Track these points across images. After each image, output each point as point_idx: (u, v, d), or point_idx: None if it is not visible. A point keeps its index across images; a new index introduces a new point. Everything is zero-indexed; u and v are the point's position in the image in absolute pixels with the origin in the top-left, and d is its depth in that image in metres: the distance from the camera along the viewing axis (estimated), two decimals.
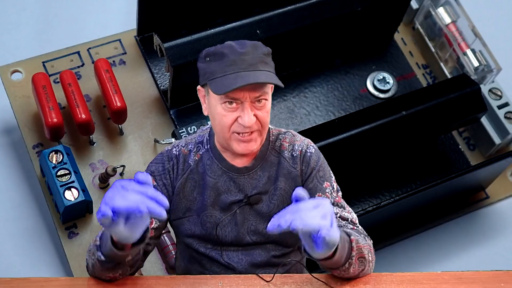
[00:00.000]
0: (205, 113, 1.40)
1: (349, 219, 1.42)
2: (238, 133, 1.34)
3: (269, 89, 1.36)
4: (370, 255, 1.39)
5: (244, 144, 1.35)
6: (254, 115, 1.33)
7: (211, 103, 1.36)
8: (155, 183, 1.42)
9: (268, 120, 1.36)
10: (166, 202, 1.21)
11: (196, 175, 1.43)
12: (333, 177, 1.45)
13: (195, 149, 1.43)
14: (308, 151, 1.43)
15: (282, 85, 1.33)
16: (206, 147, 1.43)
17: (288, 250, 1.47)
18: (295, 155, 1.43)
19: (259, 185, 1.42)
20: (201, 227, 1.43)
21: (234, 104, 1.33)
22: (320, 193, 1.42)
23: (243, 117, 1.32)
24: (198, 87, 1.40)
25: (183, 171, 1.43)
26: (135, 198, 1.20)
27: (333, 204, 1.42)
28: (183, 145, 1.44)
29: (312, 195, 1.42)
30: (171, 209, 1.44)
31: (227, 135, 1.35)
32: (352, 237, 1.33)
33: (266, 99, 1.35)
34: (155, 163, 1.44)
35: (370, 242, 1.41)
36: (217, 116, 1.35)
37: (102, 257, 1.31)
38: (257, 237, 1.44)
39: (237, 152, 1.36)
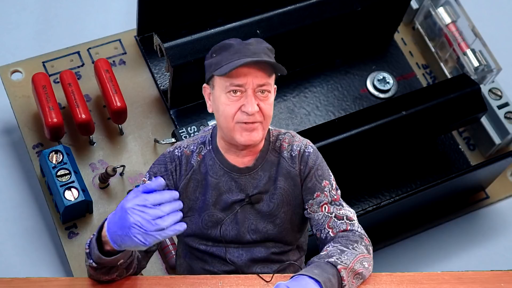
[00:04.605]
0: (210, 110, 1.41)
1: (345, 217, 1.43)
2: (242, 123, 1.36)
3: (272, 82, 1.38)
4: (365, 263, 1.38)
5: (247, 133, 1.36)
6: (257, 104, 1.35)
7: (216, 95, 1.38)
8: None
9: (270, 113, 1.38)
10: (180, 205, 1.27)
11: (198, 175, 1.43)
12: (332, 176, 1.46)
13: (197, 150, 1.44)
14: (307, 150, 1.44)
15: (285, 71, 1.37)
16: (208, 148, 1.44)
17: (288, 248, 1.48)
18: (293, 155, 1.44)
19: (260, 185, 1.43)
20: (201, 226, 1.44)
21: (238, 93, 1.35)
22: (319, 192, 1.43)
23: (246, 105, 1.34)
24: (204, 85, 1.42)
25: (186, 172, 1.43)
26: (153, 233, 1.25)
27: (330, 202, 1.43)
28: (185, 146, 1.45)
29: (311, 194, 1.43)
30: None
31: (231, 125, 1.36)
32: (339, 267, 1.33)
33: (269, 91, 1.37)
34: (158, 164, 1.44)
35: (364, 244, 1.40)
36: (221, 106, 1.36)
37: (94, 264, 1.34)
38: (257, 236, 1.44)
39: (240, 143, 1.37)
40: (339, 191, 1.46)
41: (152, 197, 1.25)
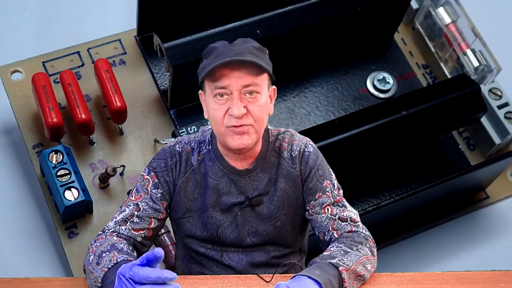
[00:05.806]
0: (206, 116, 1.39)
1: (349, 219, 1.42)
2: (231, 127, 1.34)
3: (262, 82, 1.34)
4: (368, 265, 1.38)
5: (238, 137, 1.34)
6: (244, 107, 1.32)
7: (206, 101, 1.37)
8: (156, 180, 1.42)
9: (261, 116, 1.35)
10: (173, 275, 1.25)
11: (198, 175, 1.42)
12: (333, 175, 1.45)
13: (198, 149, 1.43)
14: (307, 150, 1.43)
15: (267, 68, 1.33)
16: (207, 148, 1.43)
17: (288, 250, 1.47)
18: (293, 155, 1.42)
19: (260, 187, 1.42)
20: (202, 228, 1.43)
21: (224, 96, 1.33)
22: (321, 193, 1.42)
23: (232, 108, 1.32)
24: (199, 91, 1.40)
25: (185, 170, 1.42)
26: None
27: (333, 203, 1.42)
28: (186, 142, 1.44)
29: (312, 195, 1.42)
30: (172, 207, 1.44)
31: (222, 130, 1.34)
32: (341, 268, 1.32)
33: (257, 92, 1.33)
34: (158, 159, 1.43)
35: (369, 246, 1.41)
36: (211, 111, 1.35)
37: None
38: (258, 239, 1.44)
39: (232, 147, 1.35)
40: (341, 191, 1.45)
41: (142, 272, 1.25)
